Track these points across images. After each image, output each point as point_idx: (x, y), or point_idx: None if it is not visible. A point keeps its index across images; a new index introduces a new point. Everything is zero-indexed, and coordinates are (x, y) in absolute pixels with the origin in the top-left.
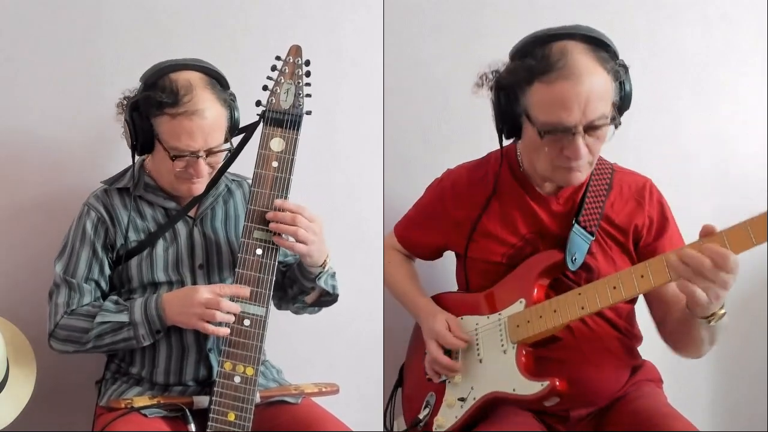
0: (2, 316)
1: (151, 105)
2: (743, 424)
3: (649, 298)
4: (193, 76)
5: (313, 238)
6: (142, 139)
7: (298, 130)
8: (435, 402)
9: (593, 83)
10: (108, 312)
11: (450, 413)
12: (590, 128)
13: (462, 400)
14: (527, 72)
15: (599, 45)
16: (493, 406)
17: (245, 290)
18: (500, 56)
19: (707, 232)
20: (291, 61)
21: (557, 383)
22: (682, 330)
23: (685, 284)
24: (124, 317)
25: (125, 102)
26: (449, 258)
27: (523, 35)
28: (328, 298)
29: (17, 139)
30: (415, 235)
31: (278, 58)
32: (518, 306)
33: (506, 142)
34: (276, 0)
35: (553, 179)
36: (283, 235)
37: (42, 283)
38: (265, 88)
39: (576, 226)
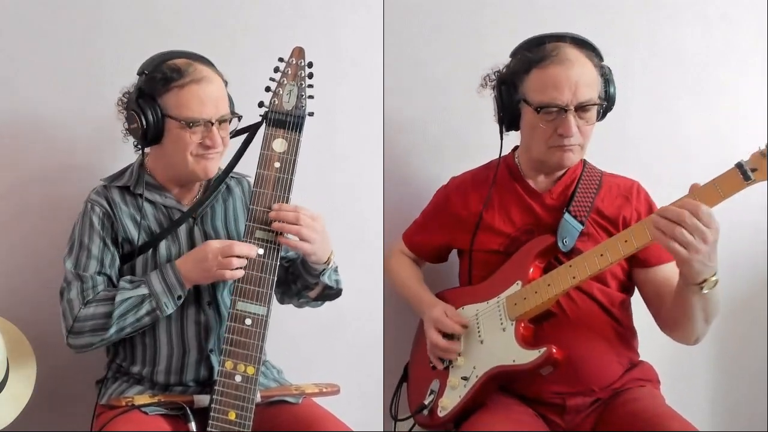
0: (2, 316)
1: (157, 84)
2: (743, 424)
3: (643, 286)
4: (189, 60)
5: (315, 236)
6: (153, 124)
7: (300, 131)
8: (439, 388)
9: (582, 70)
10: (125, 290)
11: (454, 394)
12: (580, 109)
13: (465, 379)
14: (526, 63)
15: (586, 47)
16: (493, 392)
17: (253, 251)
18: (500, 56)
19: (692, 190)
20: (294, 62)
21: (554, 350)
22: (677, 305)
23: (666, 240)
24: (143, 290)
25: (125, 98)
26: (453, 260)
27: (523, 35)
28: (331, 293)
29: (18, 139)
30: (422, 238)
31: (281, 59)
32: (515, 287)
33: (506, 139)
34: (276, 0)
35: (548, 161)
36: (287, 234)
37: (43, 283)
38: (267, 89)
39: (567, 214)
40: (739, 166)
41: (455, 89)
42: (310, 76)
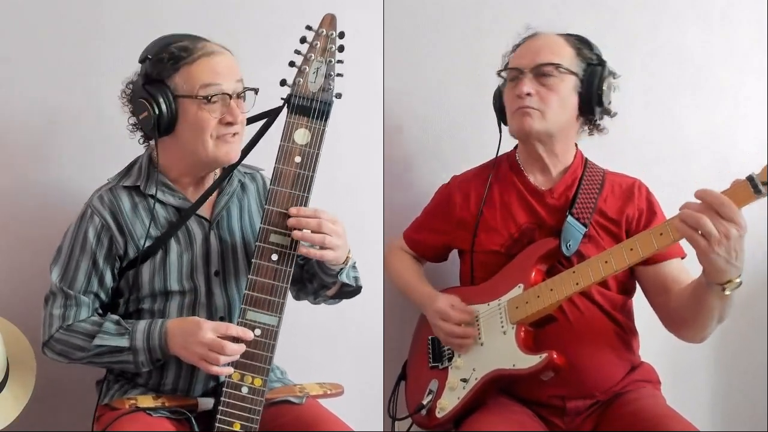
0: (2, 316)
1: (165, 65)
2: (743, 424)
3: (648, 282)
4: (195, 38)
5: (338, 242)
6: (166, 109)
7: (326, 119)
8: (437, 388)
9: (548, 41)
10: (107, 334)
11: (452, 395)
12: (538, 73)
13: (464, 381)
14: (511, 49)
15: (579, 39)
16: (492, 394)
17: (249, 334)
18: (500, 56)
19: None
20: (324, 33)
21: (555, 356)
22: (692, 304)
23: (689, 231)
24: (124, 342)
25: (129, 89)
26: (453, 258)
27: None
28: (349, 290)
29: (16, 140)
30: (423, 236)
31: (308, 27)
32: (517, 290)
33: (506, 135)
34: (276, 0)
35: (513, 127)
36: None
37: (42, 283)
38: (291, 64)
39: (570, 217)
40: (750, 179)
41: (455, 89)
42: (341, 49)
